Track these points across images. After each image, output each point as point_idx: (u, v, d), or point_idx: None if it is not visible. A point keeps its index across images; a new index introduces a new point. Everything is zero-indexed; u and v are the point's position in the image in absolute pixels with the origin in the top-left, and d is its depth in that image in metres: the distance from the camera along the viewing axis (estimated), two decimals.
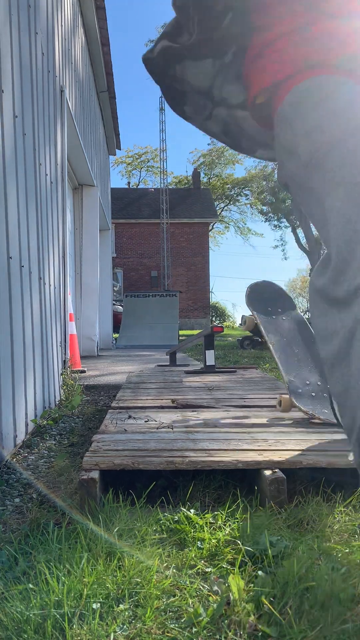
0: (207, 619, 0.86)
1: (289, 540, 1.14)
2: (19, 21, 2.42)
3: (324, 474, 1.52)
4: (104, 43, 6.42)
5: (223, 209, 30.07)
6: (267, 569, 1.03)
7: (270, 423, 1.98)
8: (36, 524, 1.31)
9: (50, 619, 0.87)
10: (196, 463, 1.47)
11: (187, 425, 1.96)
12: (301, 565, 0.96)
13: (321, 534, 1.19)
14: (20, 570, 1.06)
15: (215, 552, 1.11)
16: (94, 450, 1.59)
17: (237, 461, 1.46)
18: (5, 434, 1.93)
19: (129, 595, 0.95)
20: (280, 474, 1.38)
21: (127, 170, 33.39)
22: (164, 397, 2.63)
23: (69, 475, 1.75)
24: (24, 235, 2.40)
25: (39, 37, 2.97)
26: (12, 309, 2.13)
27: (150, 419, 2.08)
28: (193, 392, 2.79)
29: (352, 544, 1.13)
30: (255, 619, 0.86)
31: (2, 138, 2.05)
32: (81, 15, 5.50)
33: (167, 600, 0.93)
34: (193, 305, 21.41)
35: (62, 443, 2.28)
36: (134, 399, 2.60)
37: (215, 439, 1.72)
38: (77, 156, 5.57)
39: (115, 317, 11.34)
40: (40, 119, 2.91)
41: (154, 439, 1.74)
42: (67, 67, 4.34)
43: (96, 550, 1.10)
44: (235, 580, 0.92)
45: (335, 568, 0.99)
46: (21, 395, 2.22)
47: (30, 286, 2.48)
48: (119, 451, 1.58)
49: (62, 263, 3.57)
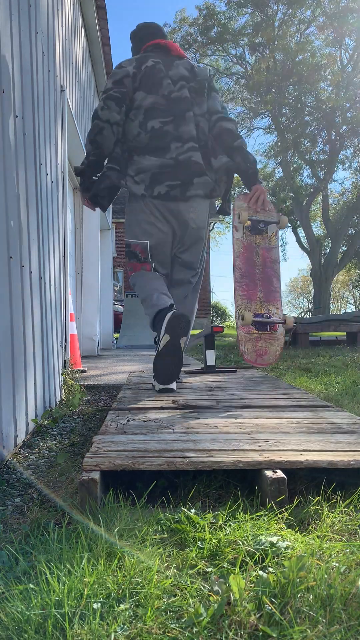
0: (208, 618, 0.86)
1: (289, 540, 1.14)
2: (20, 21, 2.42)
3: (324, 474, 1.52)
4: (105, 43, 6.42)
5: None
6: (268, 569, 1.03)
7: (271, 423, 1.98)
8: (37, 524, 1.31)
9: (51, 619, 0.87)
10: (197, 463, 1.47)
11: (188, 425, 1.96)
12: (302, 565, 0.96)
13: (322, 534, 1.19)
14: (20, 570, 1.06)
15: (216, 552, 1.11)
16: (94, 451, 1.59)
17: (237, 461, 1.46)
18: (6, 433, 1.93)
19: (129, 595, 0.95)
20: (281, 474, 1.38)
21: None
22: (164, 397, 2.63)
23: (69, 475, 1.75)
24: (25, 235, 2.40)
25: (40, 37, 2.97)
26: (13, 309, 2.13)
27: (151, 419, 2.08)
28: (193, 393, 2.79)
29: (352, 544, 1.13)
30: (255, 619, 0.86)
31: (3, 138, 2.05)
32: (82, 15, 5.50)
33: (167, 600, 0.93)
34: None
35: (63, 443, 2.28)
36: (135, 399, 2.60)
37: (216, 440, 1.72)
38: (78, 156, 5.57)
39: (116, 317, 11.34)
40: (40, 119, 2.91)
41: (155, 439, 1.74)
42: (68, 67, 4.34)
43: (97, 550, 1.10)
44: (236, 580, 0.92)
45: (336, 568, 0.99)
46: (22, 395, 2.22)
47: (30, 286, 2.48)
48: (120, 452, 1.58)
49: (62, 263, 3.57)
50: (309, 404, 2.39)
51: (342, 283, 44.82)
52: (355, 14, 17.26)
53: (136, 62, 2.40)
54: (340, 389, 3.67)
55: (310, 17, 18.69)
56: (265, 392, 2.79)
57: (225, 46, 20.55)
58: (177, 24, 20.67)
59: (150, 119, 2.31)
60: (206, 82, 2.45)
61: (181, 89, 2.35)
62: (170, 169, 2.29)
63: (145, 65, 2.37)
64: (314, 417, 2.07)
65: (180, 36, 20.64)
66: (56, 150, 3.47)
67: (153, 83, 2.33)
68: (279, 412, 2.20)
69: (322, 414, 2.16)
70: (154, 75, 2.34)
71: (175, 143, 2.30)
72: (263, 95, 19.04)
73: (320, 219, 24.29)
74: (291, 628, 0.84)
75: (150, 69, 2.35)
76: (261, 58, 19.28)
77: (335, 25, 17.51)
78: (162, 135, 2.30)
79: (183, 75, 2.38)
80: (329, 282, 21.03)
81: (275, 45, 18.35)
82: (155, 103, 2.32)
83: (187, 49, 20.66)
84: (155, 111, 2.31)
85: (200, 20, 20.07)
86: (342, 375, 4.42)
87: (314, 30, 18.85)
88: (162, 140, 2.30)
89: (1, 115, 2.03)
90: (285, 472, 1.41)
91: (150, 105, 2.31)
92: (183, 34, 20.62)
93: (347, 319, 9.10)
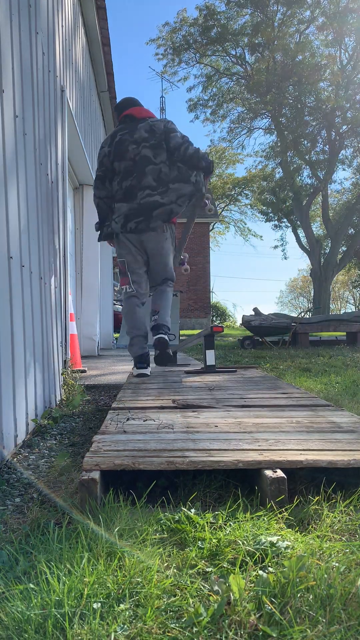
0: (208, 618, 0.86)
1: (289, 540, 1.14)
2: (20, 21, 2.42)
3: (324, 473, 1.52)
4: (105, 43, 6.42)
5: (223, 209, 30.06)
6: (268, 568, 1.03)
7: (271, 423, 1.98)
8: (37, 524, 1.31)
9: (51, 619, 0.87)
10: (197, 463, 1.47)
11: (188, 425, 1.96)
12: (302, 565, 0.96)
13: (322, 534, 1.19)
14: (20, 570, 1.06)
15: (215, 551, 1.11)
16: (94, 451, 1.59)
17: (237, 461, 1.46)
18: (6, 433, 1.93)
19: (129, 595, 0.95)
20: (281, 474, 1.38)
21: None
22: (164, 397, 2.63)
23: (69, 475, 1.75)
24: (25, 235, 2.40)
25: (40, 37, 2.97)
26: (13, 309, 2.13)
27: (151, 419, 2.08)
28: (193, 392, 2.79)
29: (352, 544, 1.13)
30: (255, 619, 0.86)
31: (3, 138, 2.05)
32: (82, 15, 5.50)
33: (167, 600, 0.93)
34: (194, 305, 21.41)
35: (63, 443, 2.28)
36: (135, 399, 2.60)
37: (216, 439, 1.72)
38: (78, 156, 5.57)
39: (116, 317, 11.34)
40: (40, 119, 2.91)
41: (155, 439, 1.74)
42: (68, 67, 4.35)
43: (97, 550, 1.10)
44: (236, 580, 0.92)
45: (336, 568, 0.99)
46: (22, 394, 2.22)
47: (30, 286, 2.48)
48: (120, 451, 1.58)
49: (62, 263, 3.58)
50: (309, 403, 2.39)
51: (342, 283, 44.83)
52: (355, 14, 17.26)
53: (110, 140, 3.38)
54: (340, 388, 3.67)
55: (309, 17, 18.70)
56: (265, 391, 2.79)
57: (225, 46, 20.56)
58: (177, 24, 20.67)
59: (124, 180, 3.30)
60: (163, 134, 3.28)
61: (143, 149, 3.26)
62: (135, 210, 3.27)
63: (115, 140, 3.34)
64: (314, 417, 2.07)
65: (181, 36, 20.65)
66: (56, 150, 3.47)
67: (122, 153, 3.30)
68: (279, 412, 2.20)
69: (322, 413, 2.16)
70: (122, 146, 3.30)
71: (139, 192, 3.26)
72: (263, 95, 19.03)
73: (320, 219, 24.28)
74: (291, 628, 0.84)
75: (119, 143, 3.31)
76: (261, 58, 19.28)
77: (334, 25, 17.51)
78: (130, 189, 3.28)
79: (144, 137, 3.28)
80: (329, 282, 21.03)
81: (275, 45, 18.35)
82: (126, 166, 3.29)
83: (187, 49, 20.69)
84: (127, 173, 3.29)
85: (200, 21, 20.07)
86: (342, 375, 4.43)
87: (313, 30, 18.88)
88: (130, 192, 3.28)
89: (1, 115, 2.03)
90: (285, 471, 1.41)
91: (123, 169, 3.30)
92: (183, 33, 20.63)
93: (347, 319, 9.10)
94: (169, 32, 20.80)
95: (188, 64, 21.32)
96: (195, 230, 21.93)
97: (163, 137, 3.25)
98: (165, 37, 20.91)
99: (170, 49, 20.86)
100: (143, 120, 3.36)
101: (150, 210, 3.22)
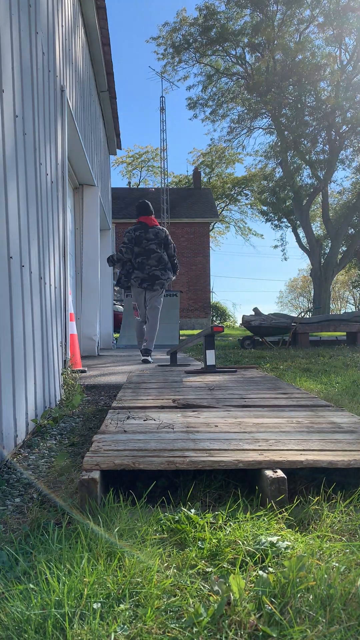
0: (208, 618, 0.86)
1: (289, 541, 1.14)
2: (20, 21, 2.42)
3: (324, 474, 1.52)
4: (105, 43, 6.42)
5: (223, 208, 30.07)
6: (268, 569, 1.03)
7: (271, 423, 1.98)
8: (37, 524, 1.31)
9: (51, 619, 0.87)
10: (197, 463, 1.47)
11: (188, 425, 1.96)
12: (302, 565, 0.96)
13: (322, 534, 1.19)
14: (20, 570, 1.06)
15: (215, 552, 1.11)
16: (94, 451, 1.59)
17: (237, 461, 1.46)
18: (6, 433, 1.93)
19: (129, 595, 0.95)
20: (281, 474, 1.38)
21: (128, 170, 33.39)
22: (164, 397, 2.63)
23: (69, 475, 1.75)
24: (25, 235, 2.40)
25: (40, 37, 2.97)
26: (13, 309, 2.13)
27: (151, 418, 2.08)
28: (193, 392, 2.79)
29: (352, 544, 1.13)
30: (255, 619, 0.86)
31: (3, 137, 2.05)
32: (82, 15, 5.50)
33: (167, 600, 0.93)
34: (194, 305, 21.40)
35: (63, 443, 2.28)
36: (135, 398, 2.60)
37: (216, 439, 1.72)
38: (78, 156, 5.57)
39: (116, 317, 11.34)
40: (40, 119, 2.91)
41: (155, 439, 1.74)
42: (68, 67, 4.35)
43: (97, 550, 1.10)
44: (236, 580, 0.92)
45: (336, 568, 0.99)
46: (22, 394, 2.22)
47: (30, 286, 2.48)
48: (120, 451, 1.58)
49: (62, 263, 3.58)
50: (309, 403, 2.39)
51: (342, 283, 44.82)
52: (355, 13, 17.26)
53: (133, 232, 5.48)
54: (340, 389, 3.67)
55: (309, 17, 18.70)
56: (265, 391, 2.79)
57: (225, 46, 20.56)
58: (177, 23, 20.67)
59: (138, 257, 5.45)
60: (163, 239, 5.52)
61: (151, 244, 5.45)
62: (146, 277, 5.42)
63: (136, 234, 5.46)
64: (314, 417, 2.07)
65: (180, 35, 20.66)
66: (56, 150, 3.47)
67: (139, 242, 5.46)
68: (279, 412, 2.20)
69: (322, 413, 2.15)
70: (139, 239, 5.46)
71: (148, 267, 5.42)
72: (263, 95, 19.03)
73: (320, 219, 24.28)
74: (291, 628, 0.83)
75: (138, 237, 5.46)
76: (261, 58, 19.27)
77: (334, 24, 17.51)
78: (142, 263, 5.44)
79: (151, 238, 5.47)
80: (329, 282, 21.03)
81: (275, 45, 18.35)
82: (140, 250, 5.45)
83: (187, 49, 20.70)
84: (141, 254, 5.45)
85: (200, 20, 20.07)
86: (342, 375, 4.42)
87: (313, 30, 18.89)
88: (143, 266, 5.44)
89: (1, 114, 2.03)
90: (285, 471, 1.41)
91: (138, 251, 5.45)
92: (183, 33, 20.63)
93: (347, 319, 9.10)
94: (169, 32, 20.81)
95: (188, 63, 21.34)
96: (196, 230, 21.95)
97: (163, 241, 5.50)
98: (165, 36, 20.93)
99: (170, 48, 20.87)
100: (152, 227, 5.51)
101: (154, 279, 5.42)
